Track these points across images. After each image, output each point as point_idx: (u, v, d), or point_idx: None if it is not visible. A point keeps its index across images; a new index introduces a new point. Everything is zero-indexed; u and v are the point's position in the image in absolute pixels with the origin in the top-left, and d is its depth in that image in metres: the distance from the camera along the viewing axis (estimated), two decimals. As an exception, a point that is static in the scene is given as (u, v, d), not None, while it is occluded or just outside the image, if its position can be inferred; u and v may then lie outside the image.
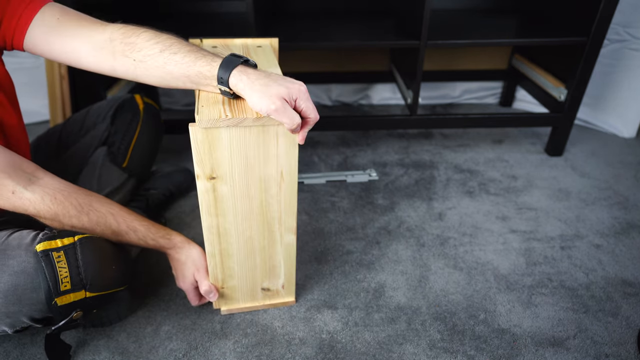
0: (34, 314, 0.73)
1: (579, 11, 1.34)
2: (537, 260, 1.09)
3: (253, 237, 0.82)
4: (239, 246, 0.83)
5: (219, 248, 0.82)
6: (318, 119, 0.69)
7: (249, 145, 0.71)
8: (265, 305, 0.95)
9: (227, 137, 0.69)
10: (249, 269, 0.87)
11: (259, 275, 0.89)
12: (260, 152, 0.72)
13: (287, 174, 0.76)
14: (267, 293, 0.93)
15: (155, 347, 0.88)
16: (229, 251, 0.83)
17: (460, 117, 1.49)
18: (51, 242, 0.71)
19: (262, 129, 0.70)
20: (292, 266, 0.90)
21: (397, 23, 1.48)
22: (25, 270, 0.69)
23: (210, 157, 0.71)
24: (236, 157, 0.72)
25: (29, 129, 1.58)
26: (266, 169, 0.74)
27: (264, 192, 0.77)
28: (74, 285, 0.72)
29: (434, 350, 0.87)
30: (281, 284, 0.92)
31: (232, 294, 0.91)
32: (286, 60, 1.79)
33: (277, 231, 0.83)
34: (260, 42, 0.96)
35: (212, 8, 1.62)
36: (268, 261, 0.87)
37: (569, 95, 1.40)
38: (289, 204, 0.80)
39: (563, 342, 0.89)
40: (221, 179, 0.73)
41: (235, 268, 0.86)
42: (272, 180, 0.76)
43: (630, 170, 1.46)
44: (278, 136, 0.71)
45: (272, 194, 0.77)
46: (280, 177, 0.76)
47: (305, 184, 1.38)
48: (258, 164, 0.73)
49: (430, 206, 1.28)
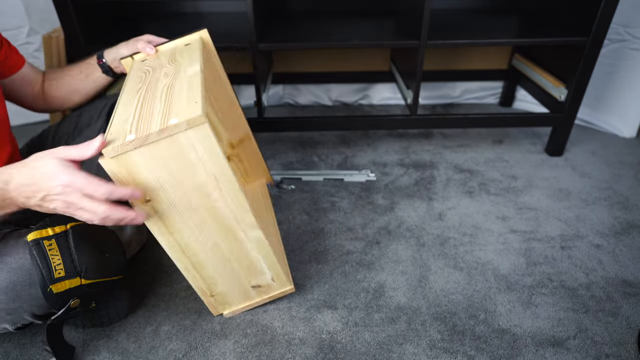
0: (34, 310, 0.74)
1: (580, 11, 1.34)
2: (537, 260, 1.09)
3: (218, 243, 0.80)
4: (208, 255, 0.81)
5: (189, 262, 0.80)
6: None
7: (168, 159, 0.66)
8: (265, 300, 0.94)
9: (141, 158, 0.65)
10: (229, 273, 0.85)
11: (243, 276, 0.87)
12: (182, 163, 0.67)
13: (220, 175, 0.71)
14: (259, 289, 0.92)
15: (155, 347, 0.88)
16: (201, 262, 0.81)
17: (460, 117, 1.49)
18: (42, 231, 0.72)
19: (171, 139, 0.64)
20: (272, 259, 0.86)
21: (397, 23, 1.48)
22: (23, 267, 0.70)
23: (135, 183, 0.67)
24: (160, 174, 0.67)
25: (29, 129, 1.58)
26: (196, 177, 0.70)
27: (205, 199, 0.73)
28: (68, 272, 0.72)
29: (434, 351, 0.87)
30: (270, 278, 0.90)
31: (225, 299, 0.90)
32: (286, 60, 1.80)
33: (239, 231, 0.79)
34: (189, 39, 0.93)
35: (212, 8, 1.62)
36: (244, 261, 0.85)
37: (569, 95, 1.40)
38: (237, 202, 0.75)
39: (563, 342, 0.89)
40: (156, 199, 0.70)
41: (215, 276, 0.85)
42: (208, 186, 0.71)
43: (631, 170, 1.46)
44: (192, 141, 0.65)
45: (215, 199, 0.73)
46: (215, 180, 0.71)
47: (303, 180, 1.38)
48: (186, 175, 0.69)
49: (430, 206, 1.28)
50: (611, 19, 1.26)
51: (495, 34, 1.37)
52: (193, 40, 0.93)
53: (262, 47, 1.28)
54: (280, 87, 1.89)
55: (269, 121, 1.44)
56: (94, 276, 0.75)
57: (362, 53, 1.81)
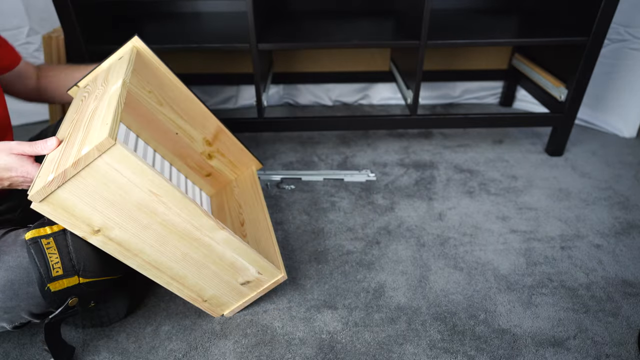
0: (32, 309, 0.73)
1: (580, 11, 1.34)
2: (538, 260, 1.09)
3: (187, 253, 0.78)
4: (183, 266, 0.79)
5: (167, 276, 0.80)
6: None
7: (97, 188, 0.64)
8: (260, 293, 0.92)
9: (69, 194, 0.63)
10: (212, 276, 0.84)
11: (227, 276, 0.86)
12: (113, 187, 0.65)
13: (158, 188, 0.68)
14: (250, 285, 0.90)
15: (155, 347, 0.88)
16: (179, 274, 0.80)
17: (461, 117, 1.49)
18: (39, 229, 0.72)
19: (90, 169, 0.62)
20: (250, 255, 0.84)
21: (397, 23, 1.48)
22: (20, 265, 0.70)
23: (75, 218, 0.66)
24: (96, 204, 0.66)
25: (30, 129, 1.58)
26: (134, 197, 0.67)
27: (153, 215, 0.71)
28: (66, 270, 0.72)
29: (434, 351, 0.87)
30: (256, 272, 0.88)
31: (219, 300, 0.90)
32: (286, 60, 1.80)
33: (203, 237, 0.77)
34: (122, 52, 0.89)
35: (212, 8, 1.62)
36: (222, 262, 0.82)
37: (569, 95, 1.40)
38: (187, 211, 0.72)
39: (563, 342, 0.89)
40: (104, 228, 0.69)
41: (199, 282, 0.84)
42: (150, 202, 0.69)
43: (631, 170, 1.46)
44: (112, 165, 0.63)
45: (163, 212, 0.71)
46: (153, 195, 0.68)
47: (303, 180, 1.38)
48: (122, 198, 0.67)
49: (430, 206, 1.28)
50: (611, 18, 1.25)
51: (495, 34, 1.37)
52: (125, 52, 0.88)
53: (262, 47, 1.28)
54: (280, 87, 1.89)
55: (269, 121, 1.44)
56: (92, 275, 0.75)
57: (362, 53, 1.81)
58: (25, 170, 0.69)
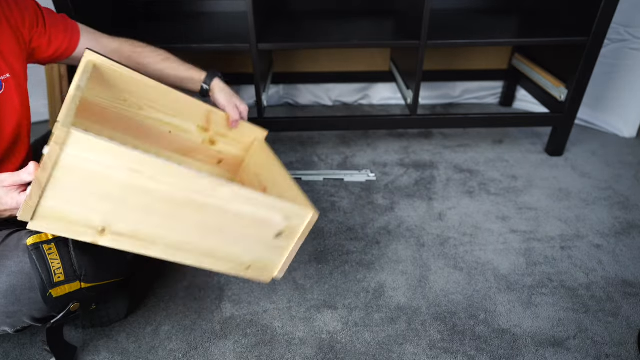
0: (34, 314, 0.73)
1: (580, 11, 1.34)
2: (538, 260, 1.09)
3: (202, 223, 0.74)
4: (204, 238, 0.75)
5: (194, 255, 0.76)
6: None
7: (78, 186, 0.63)
8: (299, 240, 0.82)
9: (54, 201, 0.62)
10: (240, 240, 0.78)
11: (256, 234, 0.79)
12: (94, 179, 0.63)
13: (136, 164, 0.65)
14: (284, 235, 0.82)
15: (155, 347, 0.88)
16: (205, 248, 0.76)
17: (461, 117, 1.49)
18: (41, 235, 0.71)
19: (60, 168, 0.61)
20: (267, 202, 0.77)
21: (397, 23, 1.48)
22: (23, 270, 0.70)
23: (74, 224, 0.65)
24: (87, 203, 0.64)
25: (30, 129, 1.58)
26: (120, 182, 0.65)
27: (149, 195, 0.68)
28: (68, 276, 0.72)
29: (434, 351, 0.87)
30: (283, 219, 0.80)
31: (262, 263, 0.83)
32: (286, 60, 1.80)
33: (208, 199, 0.72)
34: (77, 73, 0.83)
35: (212, 8, 1.62)
36: (242, 221, 0.77)
37: (569, 95, 1.40)
38: (177, 177, 0.69)
39: (563, 342, 0.89)
40: (107, 225, 0.67)
41: (230, 250, 0.79)
42: (137, 181, 0.67)
43: (631, 170, 1.46)
44: (80, 155, 0.61)
45: (154, 188, 0.68)
46: (138, 173, 0.65)
47: (303, 180, 1.38)
48: (109, 187, 0.65)
49: (430, 206, 1.28)
50: (611, 19, 1.26)
51: (495, 34, 1.37)
52: (80, 71, 0.84)
53: (262, 47, 1.28)
54: (280, 87, 1.89)
55: (269, 121, 1.44)
56: (93, 280, 0.75)
57: (362, 53, 1.81)
58: (16, 202, 0.67)
